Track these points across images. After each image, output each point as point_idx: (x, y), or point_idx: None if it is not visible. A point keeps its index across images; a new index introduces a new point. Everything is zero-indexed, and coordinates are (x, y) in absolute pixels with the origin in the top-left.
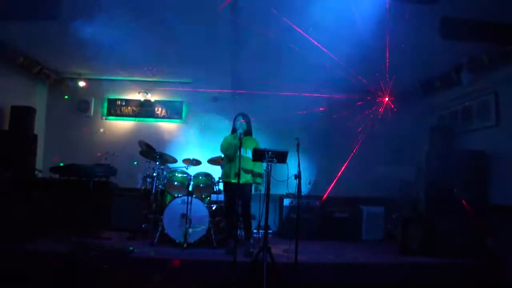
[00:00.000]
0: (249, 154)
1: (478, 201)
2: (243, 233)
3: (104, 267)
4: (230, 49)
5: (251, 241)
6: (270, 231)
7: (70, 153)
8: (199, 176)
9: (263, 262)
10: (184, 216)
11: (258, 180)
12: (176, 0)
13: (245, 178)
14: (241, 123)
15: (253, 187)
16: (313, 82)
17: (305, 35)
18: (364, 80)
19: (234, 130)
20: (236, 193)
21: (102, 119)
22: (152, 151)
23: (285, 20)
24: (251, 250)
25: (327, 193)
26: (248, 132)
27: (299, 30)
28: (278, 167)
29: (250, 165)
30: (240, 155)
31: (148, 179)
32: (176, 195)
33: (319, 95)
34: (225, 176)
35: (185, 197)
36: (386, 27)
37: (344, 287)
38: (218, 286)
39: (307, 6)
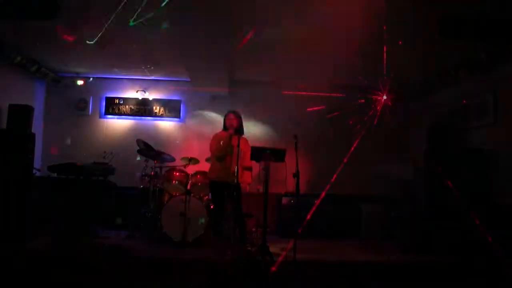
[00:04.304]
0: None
1: (478, 199)
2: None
3: (102, 266)
4: (228, 47)
5: (248, 240)
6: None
7: (68, 151)
8: (197, 175)
9: (262, 261)
10: (182, 215)
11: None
12: None
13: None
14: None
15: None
16: (311, 80)
17: (303, 33)
18: (362, 79)
19: (225, 127)
20: (230, 192)
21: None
22: (150, 150)
23: (284, 17)
24: (249, 249)
25: (325, 191)
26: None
27: (297, 27)
28: (276, 166)
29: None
30: (234, 154)
31: (146, 178)
32: (174, 194)
33: (317, 93)
34: (215, 175)
35: (183, 196)
36: (384, 24)
37: (342, 286)
38: (216, 285)
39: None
